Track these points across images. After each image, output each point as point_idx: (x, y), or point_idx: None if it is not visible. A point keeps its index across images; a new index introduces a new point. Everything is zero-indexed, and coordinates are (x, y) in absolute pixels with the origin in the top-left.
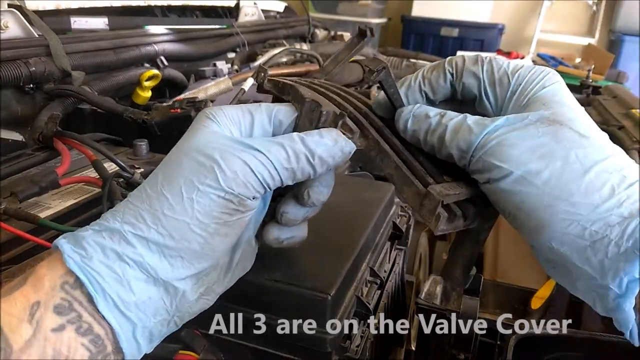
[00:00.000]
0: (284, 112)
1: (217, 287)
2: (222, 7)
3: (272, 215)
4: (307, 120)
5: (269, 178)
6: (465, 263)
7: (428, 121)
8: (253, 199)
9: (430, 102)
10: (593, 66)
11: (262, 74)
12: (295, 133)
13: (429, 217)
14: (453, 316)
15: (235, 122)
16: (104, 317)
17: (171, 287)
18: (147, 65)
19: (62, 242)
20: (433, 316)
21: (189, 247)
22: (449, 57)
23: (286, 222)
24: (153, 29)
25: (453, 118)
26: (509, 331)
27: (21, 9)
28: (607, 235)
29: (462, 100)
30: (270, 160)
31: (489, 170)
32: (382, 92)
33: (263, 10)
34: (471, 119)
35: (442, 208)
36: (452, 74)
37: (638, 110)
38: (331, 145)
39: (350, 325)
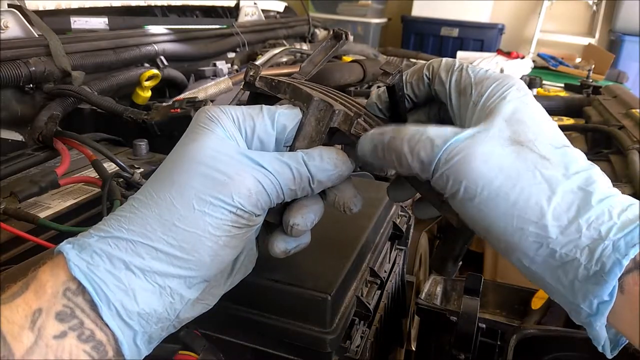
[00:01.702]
0: (288, 116)
1: (217, 290)
2: (222, 7)
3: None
4: (314, 119)
5: (275, 197)
6: (455, 257)
7: (382, 137)
8: (259, 215)
9: (415, 105)
10: (593, 66)
11: (254, 71)
12: (299, 153)
13: (453, 215)
14: (453, 316)
15: (237, 126)
16: (106, 324)
17: (178, 296)
18: (147, 65)
19: (67, 247)
20: (433, 316)
21: (200, 258)
22: (430, 61)
23: (296, 233)
24: (153, 29)
25: (409, 131)
26: (509, 331)
27: (21, 9)
28: (577, 258)
29: (441, 104)
30: (279, 182)
31: (453, 187)
32: (376, 93)
33: (263, 10)
34: (431, 130)
35: None
36: (428, 79)
37: (638, 110)
38: (331, 170)
39: (350, 325)
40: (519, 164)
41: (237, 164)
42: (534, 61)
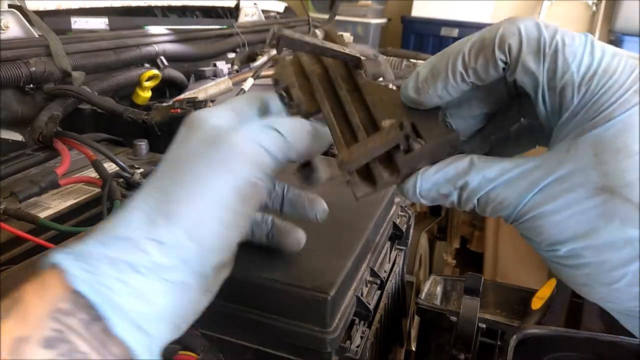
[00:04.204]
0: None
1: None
2: (222, 7)
3: None
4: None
5: (282, 156)
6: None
7: (445, 199)
8: (264, 184)
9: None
10: None
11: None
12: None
13: (348, 186)
14: (453, 316)
15: (238, 113)
16: (113, 341)
17: (187, 288)
18: (147, 65)
19: (61, 258)
20: (433, 316)
21: (207, 244)
22: (500, 34)
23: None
24: (153, 29)
25: (473, 192)
26: (509, 331)
27: (21, 9)
28: None
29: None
30: (284, 135)
31: (524, 236)
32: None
33: (263, 11)
34: (495, 188)
35: (356, 173)
36: (504, 63)
37: None
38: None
39: (350, 325)
40: (601, 222)
41: (233, 132)
42: None
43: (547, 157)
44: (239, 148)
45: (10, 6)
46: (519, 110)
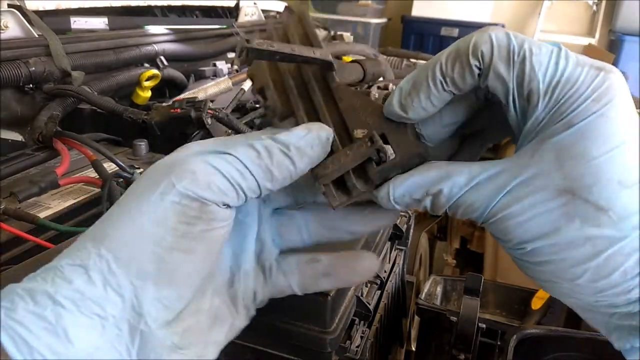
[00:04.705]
0: None
1: (200, 335)
2: (222, 7)
3: None
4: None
5: (240, 178)
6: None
7: (418, 203)
8: (223, 205)
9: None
10: None
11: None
12: (260, 131)
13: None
14: (453, 316)
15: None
16: None
17: (125, 324)
18: (146, 65)
19: None
20: (433, 316)
21: (141, 267)
22: (473, 43)
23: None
24: (153, 29)
25: (446, 199)
26: (509, 331)
27: (21, 9)
28: (613, 313)
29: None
30: (238, 158)
31: (494, 236)
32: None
33: (263, 10)
34: (465, 193)
35: (331, 183)
36: (479, 68)
37: (638, 110)
38: (303, 134)
39: (350, 325)
40: (562, 222)
41: (184, 156)
42: None
43: (513, 161)
44: (185, 165)
45: (9, 6)
46: (488, 118)
